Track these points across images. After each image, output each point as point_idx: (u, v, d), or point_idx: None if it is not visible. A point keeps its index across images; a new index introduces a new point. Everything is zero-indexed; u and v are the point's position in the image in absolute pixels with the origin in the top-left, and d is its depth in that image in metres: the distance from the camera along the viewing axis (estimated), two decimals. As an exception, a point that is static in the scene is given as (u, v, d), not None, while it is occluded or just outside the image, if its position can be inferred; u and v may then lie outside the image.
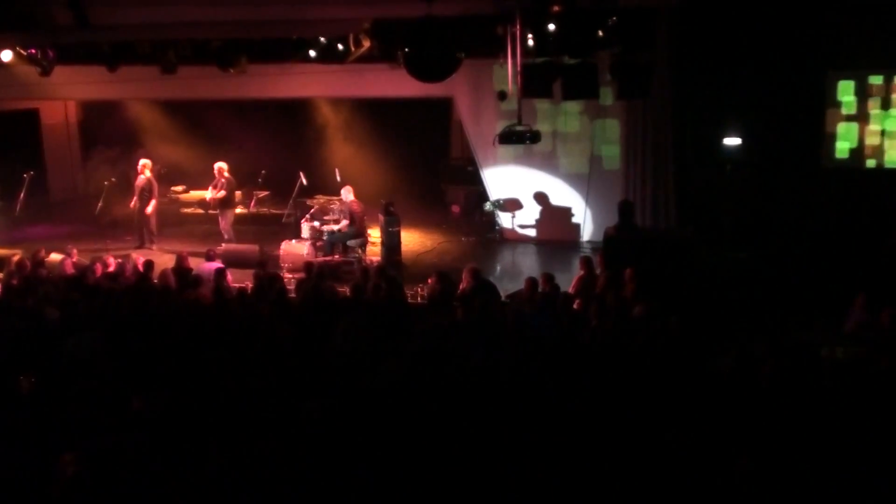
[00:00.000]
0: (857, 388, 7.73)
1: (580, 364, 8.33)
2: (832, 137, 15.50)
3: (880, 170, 15.43)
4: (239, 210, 16.89)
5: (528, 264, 15.27)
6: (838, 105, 15.42)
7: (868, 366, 8.37)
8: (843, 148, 15.50)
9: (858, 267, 13.42)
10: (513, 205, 16.84)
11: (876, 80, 15.21)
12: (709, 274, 13.30)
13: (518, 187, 16.74)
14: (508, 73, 13.32)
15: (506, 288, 12.21)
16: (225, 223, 15.92)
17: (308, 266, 12.32)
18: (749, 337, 10.25)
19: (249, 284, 11.56)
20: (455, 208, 19.00)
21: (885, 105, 15.26)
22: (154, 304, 10.45)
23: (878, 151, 15.40)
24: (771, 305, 12.23)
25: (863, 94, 15.32)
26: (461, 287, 11.09)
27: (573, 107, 16.08)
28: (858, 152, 15.48)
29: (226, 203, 15.89)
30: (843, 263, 13.80)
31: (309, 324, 9.64)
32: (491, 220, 17.23)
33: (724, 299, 12.39)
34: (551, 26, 12.75)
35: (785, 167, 15.40)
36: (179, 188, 18.91)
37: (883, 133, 15.35)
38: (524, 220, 16.87)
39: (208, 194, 16.21)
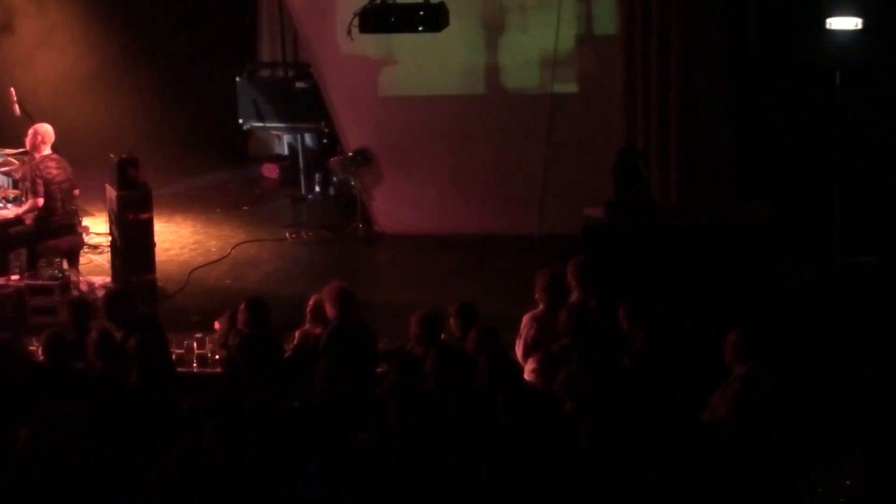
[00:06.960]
0: None
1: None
2: None
3: None
4: None
5: (426, 287, 15.42)
6: None
7: None
8: None
9: None
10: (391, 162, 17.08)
11: None
12: (801, 295, 13.85)
13: (403, 124, 16.99)
14: None
15: (380, 338, 12.32)
16: None
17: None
18: (883, 419, 10.83)
19: None
20: (270, 169, 19.32)
21: None
22: None
23: None
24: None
25: None
26: (301, 333, 11.48)
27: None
28: None
29: None
30: None
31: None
32: (348, 194, 17.60)
33: (832, 343, 12.90)
34: None
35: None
36: None
37: None
38: (417, 193, 17.16)
39: None
